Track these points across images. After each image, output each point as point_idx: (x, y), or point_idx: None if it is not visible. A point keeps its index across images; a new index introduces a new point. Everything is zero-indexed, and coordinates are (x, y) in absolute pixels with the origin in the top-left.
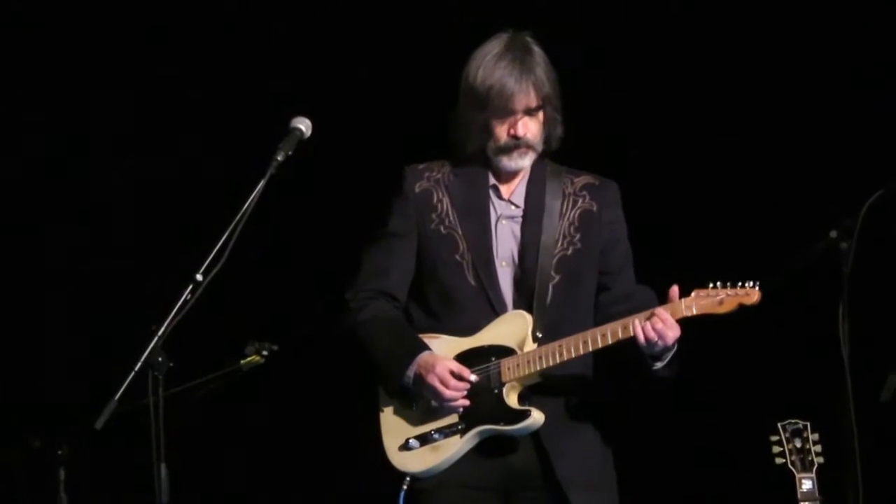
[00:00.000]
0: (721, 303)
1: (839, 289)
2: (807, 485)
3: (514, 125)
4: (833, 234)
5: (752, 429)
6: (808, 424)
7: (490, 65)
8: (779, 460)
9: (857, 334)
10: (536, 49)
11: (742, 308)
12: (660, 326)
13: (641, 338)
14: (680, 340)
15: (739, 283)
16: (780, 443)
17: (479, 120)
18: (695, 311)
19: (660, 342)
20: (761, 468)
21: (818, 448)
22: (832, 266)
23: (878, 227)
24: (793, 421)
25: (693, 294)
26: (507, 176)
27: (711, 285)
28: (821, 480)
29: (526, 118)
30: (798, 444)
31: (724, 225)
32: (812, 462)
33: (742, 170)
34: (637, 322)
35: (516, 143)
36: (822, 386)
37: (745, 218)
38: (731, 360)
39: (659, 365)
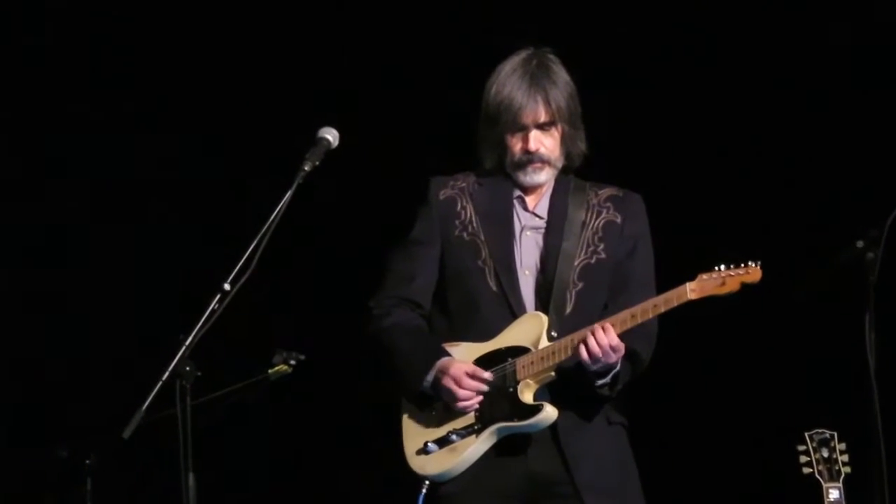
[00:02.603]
0: (723, 283)
1: (865, 298)
2: (834, 494)
3: (525, 140)
4: (859, 244)
5: (779, 438)
6: (836, 434)
7: (503, 80)
8: (806, 470)
9: (883, 344)
10: (554, 66)
11: (745, 287)
12: (602, 339)
13: (585, 352)
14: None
15: (742, 263)
16: (807, 452)
17: (494, 135)
18: (699, 294)
19: (602, 360)
20: (789, 478)
21: (845, 458)
22: (859, 276)
23: None
24: (820, 431)
25: (697, 278)
26: (532, 188)
27: (715, 267)
28: (848, 490)
29: (538, 132)
30: (825, 453)
31: (751, 235)
32: (839, 472)
33: (770, 181)
34: (589, 334)
35: (529, 158)
36: (849, 395)
37: (773, 228)
38: (759, 370)
39: (600, 382)
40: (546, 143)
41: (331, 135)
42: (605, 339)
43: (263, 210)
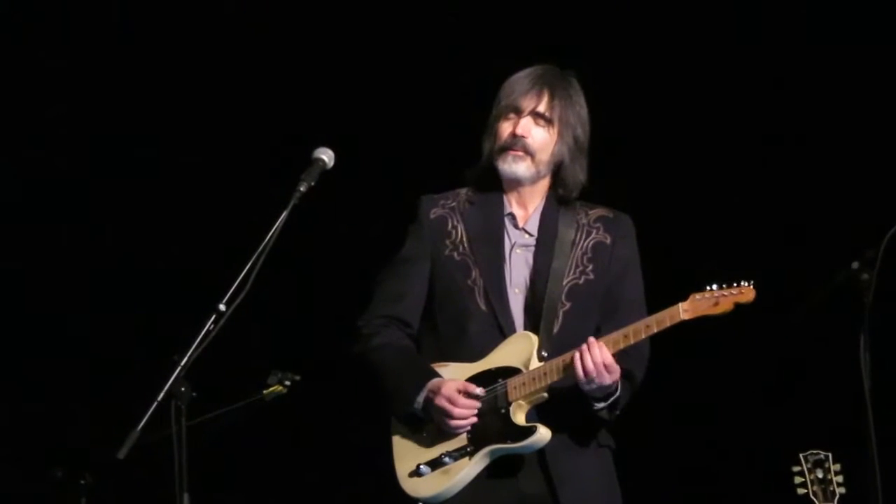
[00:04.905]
0: (717, 303)
1: (860, 319)
2: None
3: (516, 124)
4: (854, 265)
5: (774, 459)
6: (830, 455)
7: (516, 75)
8: (801, 491)
9: (878, 364)
10: (573, 83)
11: (738, 307)
12: (596, 356)
13: (580, 369)
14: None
15: (735, 283)
16: (802, 473)
17: (491, 123)
18: (692, 314)
19: (596, 379)
20: (783, 499)
21: (840, 478)
22: (853, 297)
23: None
24: (815, 451)
25: (689, 298)
26: (522, 202)
27: (708, 287)
28: None
29: (530, 120)
30: (820, 474)
31: (746, 255)
32: (834, 492)
33: (765, 200)
34: (583, 350)
35: (512, 143)
36: (844, 416)
37: (768, 249)
38: (754, 391)
39: (600, 406)
40: (535, 135)
41: (326, 155)
42: (598, 356)
43: (259, 230)
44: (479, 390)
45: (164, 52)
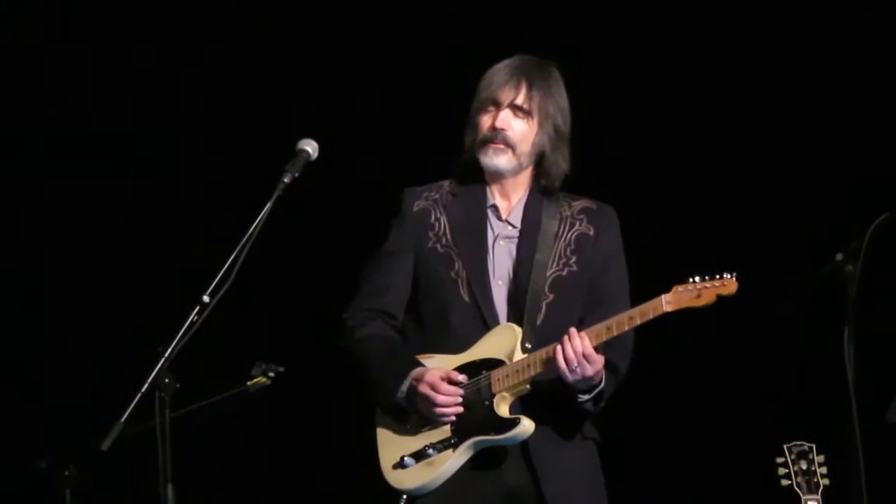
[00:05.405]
0: (699, 295)
1: (845, 311)
2: None
3: (495, 117)
4: (839, 256)
5: (757, 451)
6: (814, 446)
7: (495, 67)
8: (784, 482)
9: (862, 356)
10: (553, 72)
11: (721, 299)
12: (577, 346)
13: (561, 359)
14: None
15: (717, 275)
16: (785, 464)
17: (471, 116)
18: (674, 306)
19: (578, 370)
20: (767, 490)
21: (824, 470)
22: (838, 288)
23: (883, 250)
24: (798, 443)
25: (672, 290)
26: (505, 194)
27: (690, 279)
28: (827, 502)
29: (509, 112)
30: (804, 465)
31: (730, 248)
32: (818, 484)
33: (748, 192)
34: (564, 341)
35: (493, 136)
36: (828, 408)
37: (753, 241)
38: (737, 382)
39: (584, 398)
40: (515, 127)
41: (310, 147)
42: (578, 347)
43: (244, 221)
44: (461, 377)
45: (161, 51)
